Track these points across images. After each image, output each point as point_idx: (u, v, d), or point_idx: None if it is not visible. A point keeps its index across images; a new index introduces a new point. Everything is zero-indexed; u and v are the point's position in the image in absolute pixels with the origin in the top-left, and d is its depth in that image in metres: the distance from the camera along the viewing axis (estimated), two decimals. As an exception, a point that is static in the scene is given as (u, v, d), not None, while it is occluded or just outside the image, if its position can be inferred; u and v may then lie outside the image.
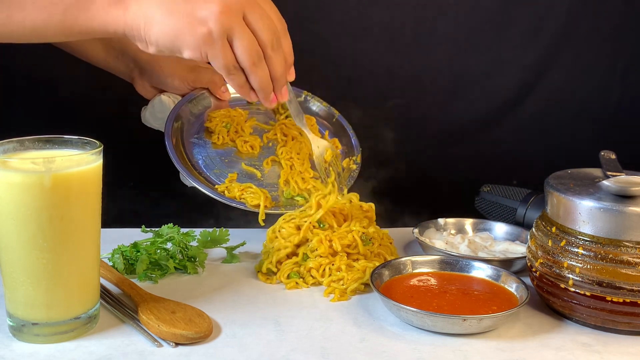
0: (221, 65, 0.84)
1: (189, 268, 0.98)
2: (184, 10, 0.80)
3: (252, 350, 0.78)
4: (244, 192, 1.04)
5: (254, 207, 1.03)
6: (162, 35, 0.81)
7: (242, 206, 1.03)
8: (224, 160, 1.09)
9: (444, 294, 0.89)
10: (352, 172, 1.13)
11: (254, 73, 0.86)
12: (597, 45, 1.35)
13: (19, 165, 0.76)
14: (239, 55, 0.84)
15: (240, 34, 0.82)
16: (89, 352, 0.77)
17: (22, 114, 1.29)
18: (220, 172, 1.08)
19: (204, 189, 1.03)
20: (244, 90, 0.89)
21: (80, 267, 0.79)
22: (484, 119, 1.38)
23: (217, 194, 1.03)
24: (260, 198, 1.03)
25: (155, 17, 0.81)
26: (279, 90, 0.91)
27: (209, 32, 0.81)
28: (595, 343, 0.82)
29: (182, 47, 0.82)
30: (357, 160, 1.15)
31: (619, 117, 1.39)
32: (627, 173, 0.89)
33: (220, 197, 1.03)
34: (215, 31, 0.81)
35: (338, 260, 0.96)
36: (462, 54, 1.34)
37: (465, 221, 1.14)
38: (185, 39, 0.81)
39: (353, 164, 1.15)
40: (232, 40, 0.83)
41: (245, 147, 1.11)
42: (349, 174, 1.13)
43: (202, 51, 0.82)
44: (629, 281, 0.80)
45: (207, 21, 0.80)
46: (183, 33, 0.81)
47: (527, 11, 1.32)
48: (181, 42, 0.81)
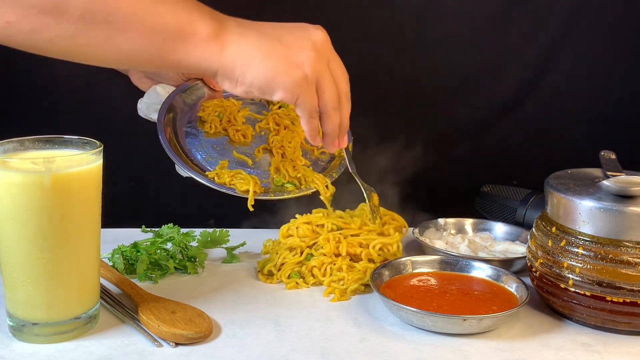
0: (308, 108, 0.87)
1: (189, 268, 0.98)
2: (281, 54, 0.83)
3: (252, 350, 0.78)
4: (234, 178, 1.03)
5: (243, 193, 1.01)
6: (258, 77, 0.83)
7: (231, 192, 1.02)
8: (216, 148, 1.09)
9: (444, 294, 0.89)
10: (342, 159, 1.12)
11: (330, 118, 0.89)
12: (597, 45, 1.34)
13: (19, 165, 0.76)
14: (325, 100, 0.87)
15: (328, 81, 0.86)
16: (89, 352, 0.77)
17: (22, 114, 1.29)
18: (212, 159, 1.07)
19: (196, 176, 1.02)
20: (314, 134, 0.91)
21: (80, 267, 0.79)
22: (484, 119, 1.37)
23: (208, 180, 1.02)
24: (249, 184, 1.02)
25: (254, 59, 0.82)
26: (342, 137, 0.94)
27: (305, 76, 0.84)
28: (595, 343, 0.82)
29: (277, 88, 0.84)
30: (349, 149, 1.13)
31: (619, 117, 1.38)
32: (627, 173, 0.89)
33: (211, 183, 1.02)
34: (309, 76, 0.84)
35: (340, 261, 0.96)
36: (462, 54, 1.34)
37: (465, 221, 1.14)
38: (282, 81, 0.83)
39: (344, 152, 1.14)
40: (320, 86, 0.86)
41: (237, 136, 1.11)
42: (340, 161, 1.12)
43: (294, 93, 0.84)
44: (629, 281, 0.80)
45: (303, 66, 0.83)
46: (280, 75, 0.83)
47: (527, 11, 1.32)
48: (277, 84, 0.83)
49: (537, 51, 1.34)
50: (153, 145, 1.07)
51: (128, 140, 1.23)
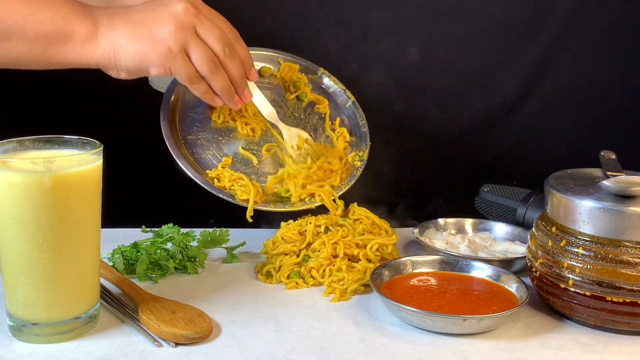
0: (184, 76, 0.93)
1: (189, 268, 0.98)
2: (144, 34, 0.90)
3: (252, 350, 0.78)
4: (235, 183, 1.02)
5: (242, 202, 1.01)
6: (129, 60, 0.91)
7: (230, 199, 1.01)
8: (221, 141, 1.07)
9: (444, 294, 0.89)
10: (355, 170, 1.10)
11: (214, 79, 0.95)
12: (597, 45, 1.34)
13: (19, 165, 0.76)
14: (196, 65, 0.93)
15: (195, 46, 0.92)
16: (89, 352, 0.77)
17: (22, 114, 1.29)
18: (215, 154, 1.05)
19: (196, 178, 1.01)
20: (208, 97, 0.97)
21: (80, 267, 0.79)
22: (484, 118, 1.38)
23: (206, 183, 1.01)
24: (250, 193, 1.01)
25: (121, 46, 0.90)
26: (242, 92, 1.00)
27: (169, 49, 0.90)
28: (595, 343, 0.82)
29: (149, 66, 0.91)
30: (364, 157, 1.11)
31: (619, 117, 1.38)
32: (627, 173, 0.89)
33: (209, 186, 1.01)
34: (173, 47, 0.90)
35: (339, 261, 0.96)
36: (462, 55, 1.34)
37: (465, 221, 1.14)
38: (150, 58, 0.90)
39: (358, 160, 1.11)
40: (189, 53, 0.92)
41: (246, 130, 1.09)
42: (352, 172, 1.10)
43: (166, 66, 0.91)
44: (629, 281, 0.80)
45: (165, 40, 0.90)
46: (147, 54, 0.90)
47: (527, 11, 1.32)
48: (147, 62, 0.91)
49: (537, 51, 1.34)
50: (153, 144, 1.07)
51: (128, 139, 1.23)
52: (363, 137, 1.14)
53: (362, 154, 1.12)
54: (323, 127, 1.14)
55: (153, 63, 0.91)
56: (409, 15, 1.32)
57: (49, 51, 0.89)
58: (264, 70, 1.16)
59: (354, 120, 1.16)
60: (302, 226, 1.00)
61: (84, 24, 0.89)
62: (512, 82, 1.36)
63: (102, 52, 0.90)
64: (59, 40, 0.88)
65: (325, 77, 1.18)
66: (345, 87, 1.18)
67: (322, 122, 1.14)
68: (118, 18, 0.91)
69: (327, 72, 1.18)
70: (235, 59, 0.96)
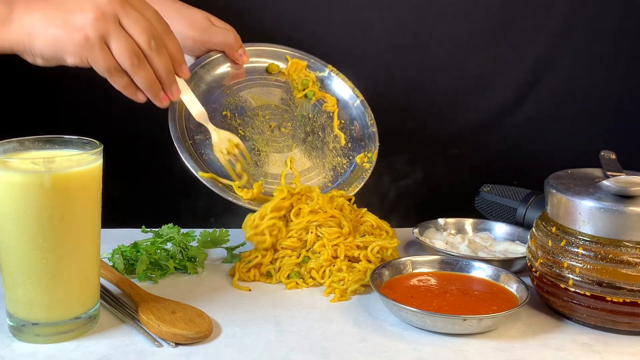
0: (101, 68, 0.88)
1: (189, 268, 0.98)
2: (61, 19, 0.85)
3: (252, 350, 0.78)
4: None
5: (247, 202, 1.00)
6: (44, 47, 0.86)
7: (237, 201, 1.00)
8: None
9: (444, 294, 0.89)
10: (364, 172, 1.09)
11: (136, 74, 0.90)
12: (597, 45, 1.35)
13: (19, 165, 0.76)
14: (117, 57, 0.87)
15: (116, 38, 0.86)
16: (89, 352, 0.77)
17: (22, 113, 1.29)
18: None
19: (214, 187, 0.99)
20: (129, 91, 0.92)
21: (80, 267, 0.79)
22: (484, 119, 1.38)
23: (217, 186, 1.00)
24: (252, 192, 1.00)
25: (36, 31, 0.86)
26: (169, 88, 0.94)
27: (86, 38, 0.85)
28: (595, 343, 0.82)
29: (64, 54, 0.87)
30: (372, 159, 1.10)
31: (619, 117, 1.39)
32: (627, 173, 0.89)
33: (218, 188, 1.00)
34: (91, 37, 0.85)
35: (339, 262, 0.96)
36: (462, 55, 1.34)
37: (465, 221, 1.14)
38: (66, 47, 0.86)
39: (367, 162, 1.10)
40: (109, 44, 0.87)
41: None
42: (360, 174, 1.09)
43: (82, 56, 0.87)
44: (629, 281, 0.80)
45: (83, 28, 0.85)
46: (63, 41, 0.86)
47: (527, 11, 1.32)
48: (62, 51, 0.86)
49: (537, 51, 1.34)
50: (153, 144, 1.07)
51: (129, 139, 1.23)
52: (372, 138, 1.13)
53: (371, 155, 1.11)
54: (331, 125, 1.13)
55: (68, 51, 0.86)
56: (409, 15, 1.32)
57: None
58: (272, 67, 1.15)
59: (362, 120, 1.15)
60: (302, 236, 0.98)
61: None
62: (512, 82, 1.36)
63: (15, 36, 0.86)
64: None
65: (334, 74, 1.17)
66: (354, 86, 1.16)
67: (331, 120, 1.13)
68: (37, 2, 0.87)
69: (335, 70, 1.17)
70: (162, 53, 0.91)
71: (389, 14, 1.31)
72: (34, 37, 0.86)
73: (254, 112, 1.10)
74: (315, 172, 1.09)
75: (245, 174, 1.02)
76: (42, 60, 0.89)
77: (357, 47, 1.33)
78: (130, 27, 0.87)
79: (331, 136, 1.12)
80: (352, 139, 1.13)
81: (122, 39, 0.87)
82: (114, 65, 0.88)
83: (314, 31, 1.31)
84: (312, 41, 1.30)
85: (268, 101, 1.12)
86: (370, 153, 1.11)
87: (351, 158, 1.12)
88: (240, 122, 1.08)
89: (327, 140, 1.11)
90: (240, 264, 0.97)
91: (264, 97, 1.12)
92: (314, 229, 0.97)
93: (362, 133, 1.14)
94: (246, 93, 1.11)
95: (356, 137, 1.14)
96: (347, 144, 1.13)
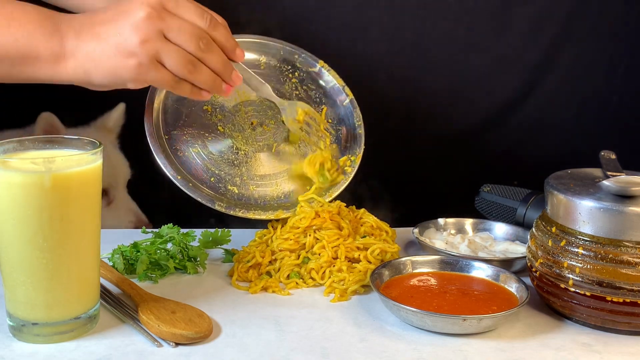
0: (162, 86, 0.92)
1: (189, 268, 0.98)
2: (111, 51, 0.86)
3: (252, 350, 0.78)
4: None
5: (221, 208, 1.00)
6: (102, 79, 0.87)
7: (209, 204, 0.99)
8: (207, 137, 1.03)
9: (444, 294, 0.89)
10: (346, 175, 1.05)
11: (195, 79, 0.90)
12: (597, 45, 1.35)
13: (19, 165, 0.76)
14: (173, 70, 0.88)
15: (167, 53, 0.87)
16: (89, 352, 0.77)
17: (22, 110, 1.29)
18: (199, 151, 1.02)
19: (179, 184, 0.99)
20: (195, 95, 0.93)
21: (80, 267, 0.79)
22: (484, 119, 1.38)
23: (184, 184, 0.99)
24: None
25: (90, 67, 0.87)
26: (229, 78, 0.94)
27: (139, 63, 0.86)
28: (595, 343, 0.82)
29: (124, 82, 0.88)
30: (356, 162, 1.05)
31: (619, 117, 1.39)
32: (627, 173, 0.89)
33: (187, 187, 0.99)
34: (143, 60, 0.86)
35: (339, 262, 0.95)
36: (462, 54, 1.34)
37: (465, 221, 1.14)
38: (123, 76, 0.87)
39: (349, 165, 1.06)
40: (162, 61, 0.87)
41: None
42: (342, 179, 1.05)
43: (141, 80, 0.88)
44: (629, 281, 0.80)
45: (134, 54, 0.86)
46: (118, 72, 0.87)
47: (527, 11, 1.32)
48: (121, 80, 0.88)
49: (537, 51, 1.34)
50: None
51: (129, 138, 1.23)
52: (357, 140, 1.08)
53: (355, 159, 1.06)
54: (317, 126, 1.09)
55: (127, 79, 0.87)
56: (409, 15, 1.32)
57: (15, 71, 0.87)
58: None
59: (350, 121, 1.10)
60: (300, 239, 0.98)
61: (49, 44, 0.86)
62: (512, 82, 1.36)
63: (72, 72, 0.87)
64: (23, 62, 0.86)
65: (325, 70, 1.13)
66: (344, 84, 1.12)
67: (316, 121, 1.09)
68: (84, 32, 0.87)
69: (327, 66, 1.13)
70: (213, 49, 0.91)
71: (388, 13, 1.32)
72: (90, 72, 0.87)
73: (235, 107, 1.07)
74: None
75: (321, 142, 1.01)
76: (107, 87, 0.89)
77: (357, 47, 1.33)
78: (176, 38, 0.87)
79: (316, 136, 1.09)
80: (337, 141, 1.09)
81: (172, 52, 0.87)
82: (173, 79, 0.89)
83: (313, 31, 1.31)
84: (312, 42, 1.30)
85: (251, 97, 1.08)
86: (354, 157, 1.07)
87: (335, 160, 1.07)
88: (221, 117, 1.06)
89: (313, 139, 1.07)
90: (239, 264, 0.97)
91: (248, 92, 1.07)
92: (312, 232, 0.97)
93: (347, 135, 1.10)
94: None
95: (342, 138, 1.09)
96: (331, 145, 1.09)
